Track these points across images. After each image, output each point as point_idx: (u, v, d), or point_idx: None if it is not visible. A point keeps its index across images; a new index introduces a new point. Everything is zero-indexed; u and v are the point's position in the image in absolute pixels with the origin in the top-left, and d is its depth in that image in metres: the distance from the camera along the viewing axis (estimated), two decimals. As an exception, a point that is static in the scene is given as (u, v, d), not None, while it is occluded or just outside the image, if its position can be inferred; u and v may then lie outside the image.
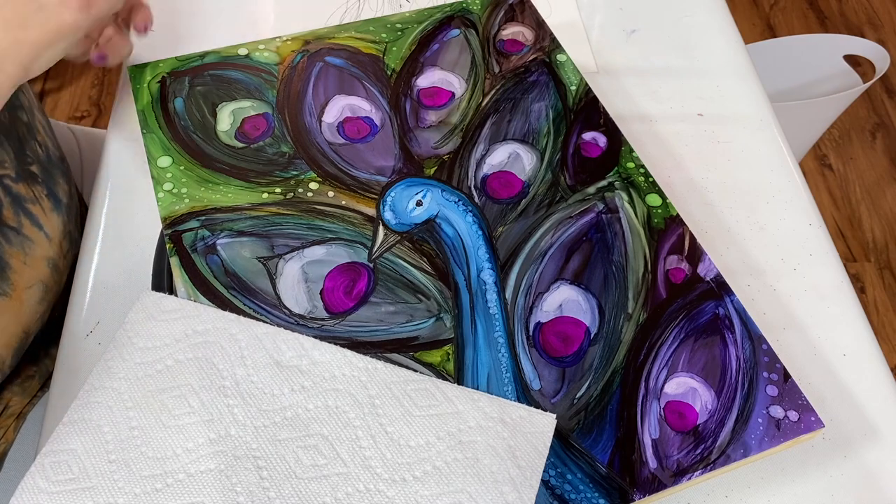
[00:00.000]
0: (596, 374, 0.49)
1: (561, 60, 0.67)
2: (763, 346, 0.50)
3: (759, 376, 0.49)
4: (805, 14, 1.96)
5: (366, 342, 0.50)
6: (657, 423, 0.47)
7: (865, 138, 1.74)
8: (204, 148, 0.59)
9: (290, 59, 0.66)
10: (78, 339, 0.56)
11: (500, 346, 0.50)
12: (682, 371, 0.49)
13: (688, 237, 0.55)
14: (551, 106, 0.63)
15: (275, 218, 0.55)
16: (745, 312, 0.52)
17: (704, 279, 0.53)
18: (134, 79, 0.64)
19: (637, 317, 0.51)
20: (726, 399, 0.48)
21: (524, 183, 0.58)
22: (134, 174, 0.65)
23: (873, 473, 0.50)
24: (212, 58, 0.65)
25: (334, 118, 0.62)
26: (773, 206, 0.63)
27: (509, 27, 0.69)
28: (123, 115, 0.70)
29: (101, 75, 1.81)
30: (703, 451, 0.46)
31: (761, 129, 0.69)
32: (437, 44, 0.68)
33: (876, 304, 1.51)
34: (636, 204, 0.57)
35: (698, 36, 0.77)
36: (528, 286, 0.53)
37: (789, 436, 0.47)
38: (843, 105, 1.31)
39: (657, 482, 0.45)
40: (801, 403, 0.48)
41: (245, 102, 0.62)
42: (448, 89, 0.65)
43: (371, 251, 0.54)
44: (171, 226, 0.54)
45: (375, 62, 0.66)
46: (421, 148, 0.60)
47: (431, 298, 0.52)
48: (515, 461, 0.45)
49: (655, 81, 0.72)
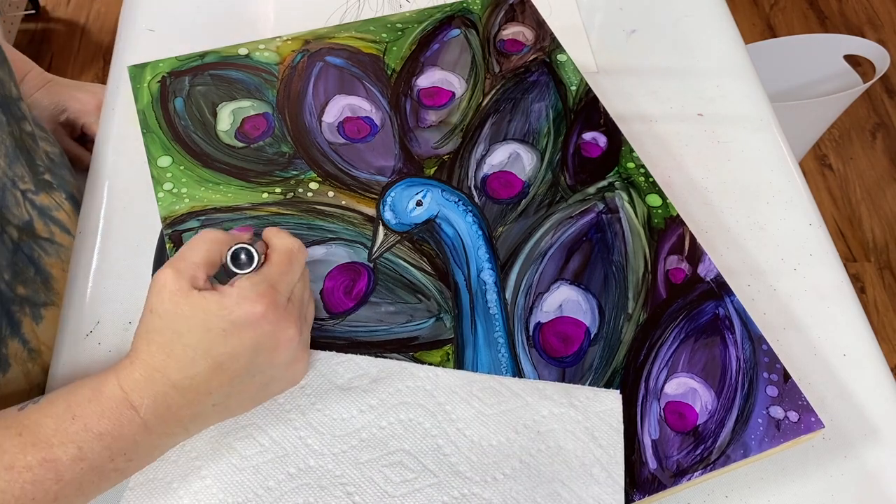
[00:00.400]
0: (596, 375, 0.49)
1: (561, 60, 0.67)
2: (763, 347, 0.50)
3: (759, 377, 0.49)
4: (805, 14, 1.96)
5: (366, 342, 0.50)
6: (657, 423, 0.47)
7: (865, 138, 1.74)
8: (204, 148, 0.59)
9: (290, 59, 0.66)
10: (78, 338, 0.56)
11: (500, 347, 0.50)
12: (682, 371, 0.49)
13: (688, 237, 0.55)
14: (551, 106, 0.63)
15: (275, 218, 0.55)
16: (745, 313, 0.52)
17: (704, 279, 0.53)
18: (134, 78, 0.64)
19: (637, 317, 0.51)
20: (726, 399, 0.48)
21: (524, 183, 0.58)
22: (133, 173, 0.65)
23: (873, 473, 0.50)
24: (212, 57, 0.65)
25: (334, 118, 0.62)
26: (773, 206, 0.63)
27: (510, 27, 0.69)
28: (118, 115, 0.70)
29: (102, 75, 1.81)
30: (703, 452, 0.46)
31: (761, 128, 0.69)
32: (438, 44, 0.68)
33: (876, 304, 1.51)
34: (636, 204, 0.57)
35: (698, 36, 0.77)
36: (528, 286, 0.53)
37: (789, 436, 0.47)
38: (843, 105, 1.31)
39: (657, 482, 0.45)
40: (801, 404, 0.48)
41: (245, 102, 0.62)
42: (448, 89, 0.65)
43: (371, 251, 0.54)
44: (171, 225, 0.54)
45: (376, 62, 0.66)
46: (421, 148, 0.60)
47: (431, 298, 0.52)
48: (596, 441, 0.45)
49: (655, 81, 0.72)
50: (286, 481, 0.44)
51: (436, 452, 0.45)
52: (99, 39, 1.91)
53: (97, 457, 0.40)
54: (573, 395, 0.47)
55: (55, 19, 1.96)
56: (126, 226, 0.62)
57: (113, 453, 0.40)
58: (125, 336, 0.56)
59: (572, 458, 0.45)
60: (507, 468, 0.44)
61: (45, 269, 0.59)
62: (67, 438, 0.39)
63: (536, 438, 0.45)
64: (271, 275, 0.43)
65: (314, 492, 0.43)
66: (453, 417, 0.46)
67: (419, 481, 0.44)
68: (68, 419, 0.40)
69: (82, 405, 0.40)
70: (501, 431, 0.46)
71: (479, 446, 0.45)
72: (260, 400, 0.45)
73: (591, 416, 0.46)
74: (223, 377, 0.42)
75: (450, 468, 0.44)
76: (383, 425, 0.46)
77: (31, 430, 0.39)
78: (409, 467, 0.44)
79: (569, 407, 0.47)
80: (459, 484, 0.44)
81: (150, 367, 0.41)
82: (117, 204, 0.63)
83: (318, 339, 0.50)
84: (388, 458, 0.45)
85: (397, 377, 0.48)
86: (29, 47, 1.88)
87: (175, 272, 0.41)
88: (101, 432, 0.40)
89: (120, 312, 0.57)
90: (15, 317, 0.55)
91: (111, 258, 0.60)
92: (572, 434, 0.46)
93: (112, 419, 0.40)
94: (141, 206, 0.62)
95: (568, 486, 0.44)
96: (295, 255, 0.44)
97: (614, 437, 0.45)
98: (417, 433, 0.46)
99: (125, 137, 0.68)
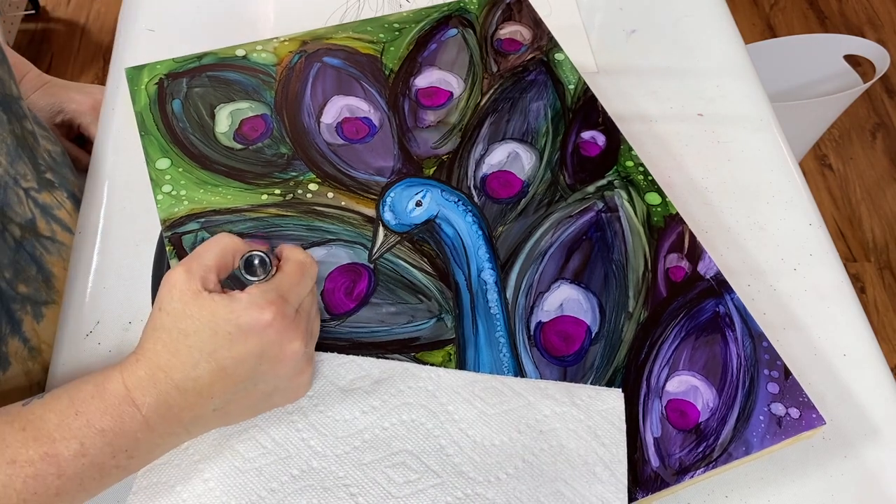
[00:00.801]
0: (597, 373, 0.49)
1: (559, 59, 0.67)
2: (763, 344, 0.50)
3: (760, 373, 0.49)
4: (805, 14, 1.97)
5: (367, 343, 0.50)
6: (659, 421, 0.47)
7: (865, 138, 1.74)
8: (202, 150, 0.59)
9: (287, 60, 0.65)
10: (78, 338, 0.56)
11: (501, 346, 0.50)
12: (684, 369, 0.49)
13: (687, 235, 0.55)
14: (550, 105, 0.63)
15: (274, 219, 0.55)
16: (745, 310, 0.52)
17: (704, 277, 0.53)
18: (131, 80, 0.63)
19: (638, 315, 0.51)
20: (728, 397, 0.48)
21: (523, 182, 0.58)
22: (132, 173, 0.65)
23: (873, 473, 0.50)
24: (209, 59, 0.65)
25: (333, 119, 0.62)
26: (773, 205, 0.63)
27: (507, 26, 0.69)
28: (118, 115, 0.70)
29: (102, 75, 1.81)
30: (706, 449, 0.46)
31: (761, 128, 0.69)
32: (435, 43, 0.68)
33: (876, 304, 1.51)
34: (635, 202, 0.57)
35: (698, 36, 0.77)
36: (528, 286, 0.53)
37: (791, 433, 0.47)
38: (843, 105, 1.31)
39: (660, 480, 0.45)
40: (802, 400, 0.48)
41: (243, 104, 0.62)
42: (446, 89, 0.64)
43: (371, 252, 0.54)
44: (170, 228, 0.54)
45: (373, 62, 0.66)
46: (420, 148, 0.60)
47: (432, 299, 0.52)
48: (599, 440, 0.45)
49: (655, 81, 0.72)
50: (289, 483, 0.44)
51: (439, 453, 0.45)
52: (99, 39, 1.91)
53: (99, 453, 0.40)
54: (575, 395, 0.47)
55: (55, 19, 1.96)
56: (126, 226, 0.62)
57: (115, 450, 0.40)
58: (125, 336, 0.56)
59: (575, 457, 0.45)
60: (510, 468, 0.44)
61: (46, 267, 0.59)
62: (70, 434, 0.39)
63: (539, 438, 0.46)
64: (282, 285, 0.43)
65: (318, 493, 0.43)
66: (456, 418, 0.46)
67: (422, 482, 0.44)
68: (71, 415, 0.40)
69: (86, 401, 0.40)
70: (504, 431, 0.46)
71: (481, 446, 0.45)
72: (261, 410, 0.45)
73: (593, 414, 0.46)
74: (226, 382, 0.41)
75: (453, 468, 0.44)
76: (386, 426, 0.46)
77: (35, 425, 0.40)
78: (413, 468, 0.44)
79: (571, 406, 0.47)
80: (463, 484, 0.44)
81: (154, 366, 0.41)
82: (117, 204, 0.63)
83: (320, 340, 0.49)
84: (392, 458, 0.45)
85: (399, 378, 0.48)
86: (29, 47, 1.88)
87: (187, 272, 0.42)
88: (103, 428, 0.40)
89: (120, 312, 0.57)
90: (16, 315, 0.55)
91: (111, 258, 0.60)
92: (575, 433, 0.46)
93: (114, 416, 0.40)
94: (141, 206, 0.62)
95: (571, 485, 0.44)
96: (307, 268, 0.44)
97: (617, 436, 0.46)
98: (420, 434, 0.46)
99: (125, 137, 0.68)
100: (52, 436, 0.39)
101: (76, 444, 0.39)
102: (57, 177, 0.65)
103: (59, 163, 0.67)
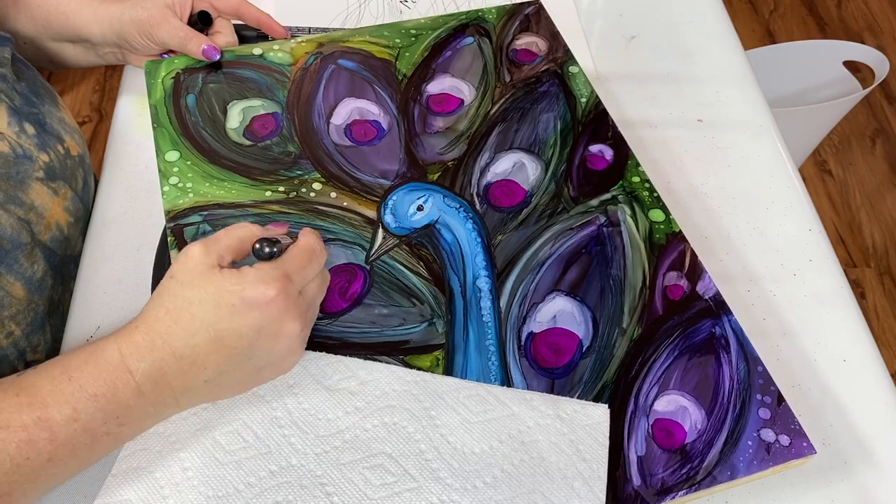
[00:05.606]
0: (585, 388, 0.48)
1: (573, 72, 0.67)
2: (759, 368, 0.49)
3: (753, 398, 0.48)
4: (804, 20, 1.96)
5: (357, 343, 0.50)
6: (644, 439, 0.46)
7: (865, 144, 1.73)
8: (212, 144, 0.60)
9: (303, 61, 0.66)
10: (79, 342, 0.56)
11: (490, 354, 0.49)
12: (674, 389, 0.48)
13: (689, 254, 0.55)
14: (560, 117, 0.63)
15: (276, 216, 0.56)
16: (742, 333, 0.51)
17: (703, 297, 0.52)
18: (149, 73, 0.65)
19: (631, 332, 0.51)
20: (716, 419, 0.47)
21: (527, 192, 0.58)
22: (133, 177, 0.65)
23: (873, 480, 0.50)
24: (227, 56, 0.66)
25: (342, 120, 0.62)
26: (772, 211, 0.63)
27: (523, 37, 0.69)
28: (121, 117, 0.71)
29: (103, 81, 1.83)
30: (690, 471, 0.45)
31: (761, 134, 0.69)
32: (450, 51, 0.68)
33: (876, 310, 1.50)
34: (639, 218, 0.57)
35: (698, 42, 0.76)
36: (523, 295, 0.52)
37: (779, 460, 0.46)
38: (842, 111, 1.31)
39: (640, 500, 0.44)
40: (794, 428, 0.47)
41: (256, 101, 0.63)
42: (458, 96, 0.65)
43: (369, 253, 0.54)
44: (173, 219, 0.55)
45: (387, 67, 0.66)
46: (426, 153, 0.60)
47: (425, 303, 0.52)
48: (580, 455, 0.45)
49: (655, 87, 0.72)
50: (267, 478, 0.44)
51: (417, 457, 0.45)
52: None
53: (90, 418, 0.41)
54: (560, 408, 0.47)
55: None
56: (126, 229, 0.62)
57: (106, 416, 0.41)
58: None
59: (554, 471, 0.44)
60: (489, 477, 0.44)
61: None
62: (62, 399, 0.40)
63: (520, 448, 0.45)
64: (288, 265, 0.44)
65: (294, 490, 0.43)
66: (438, 423, 0.46)
67: (399, 485, 0.44)
68: (65, 380, 0.41)
69: (79, 367, 0.41)
70: (485, 440, 0.45)
71: (461, 453, 0.45)
72: (250, 384, 0.46)
73: (576, 428, 0.46)
74: (221, 353, 0.43)
75: (430, 473, 0.44)
76: (367, 427, 0.46)
77: (29, 392, 0.41)
78: (390, 470, 0.44)
79: (555, 419, 0.46)
80: (439, 490, 0.43)
81: (153, 332, 0.42)
82: (118, 207, 0.64)
83: (310, 337, 0.50)
84: (370, 460, 0.45)
85: (385, 380, 0.48)
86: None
87: (205, 248, 0.43)
88: (95, 393, 0.41)
89: (121, 317, 0.57)
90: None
91: (112, 262, 0.60)
92: (556, 446, 0.45)
93: (107, 381, 0.41)
94: (142, 209, 0.63)
95: (548, 498, 0.43)
96: (316, 253, 0.46)
97: (599, 452, 0.45)
98: (401, 437, 0.45)
99: (127, 140, 0.69)
100: (45, 401, 0.40)
101: (68, 409, 0.40)
102: None
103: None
